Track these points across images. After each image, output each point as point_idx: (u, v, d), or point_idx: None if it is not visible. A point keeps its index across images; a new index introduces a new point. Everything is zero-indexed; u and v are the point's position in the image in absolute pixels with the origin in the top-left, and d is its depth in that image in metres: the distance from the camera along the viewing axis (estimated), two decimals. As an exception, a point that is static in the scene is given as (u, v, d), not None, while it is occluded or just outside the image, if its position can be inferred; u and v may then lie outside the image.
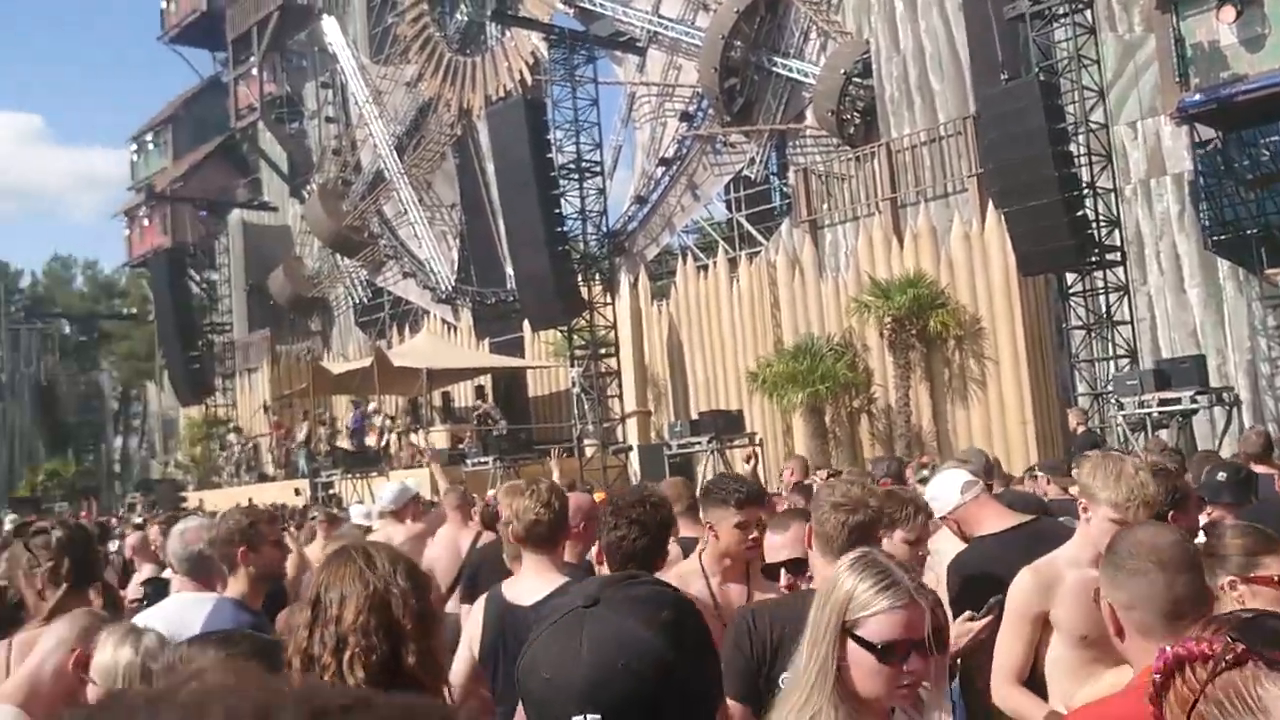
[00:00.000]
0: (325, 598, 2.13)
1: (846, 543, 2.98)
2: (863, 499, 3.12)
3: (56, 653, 2.60)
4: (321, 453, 24.47)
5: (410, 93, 32.19)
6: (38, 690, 2.54)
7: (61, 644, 2.59)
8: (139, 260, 40.94)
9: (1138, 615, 2.15)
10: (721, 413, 19.22)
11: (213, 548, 3.89)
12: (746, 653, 2.90)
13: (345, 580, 2.12)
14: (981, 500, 4.15)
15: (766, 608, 3.11)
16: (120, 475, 42.39)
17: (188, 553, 4.10)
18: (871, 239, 20.07)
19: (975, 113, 18.99)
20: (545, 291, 20.88)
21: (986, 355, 18.41)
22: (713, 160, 25.40)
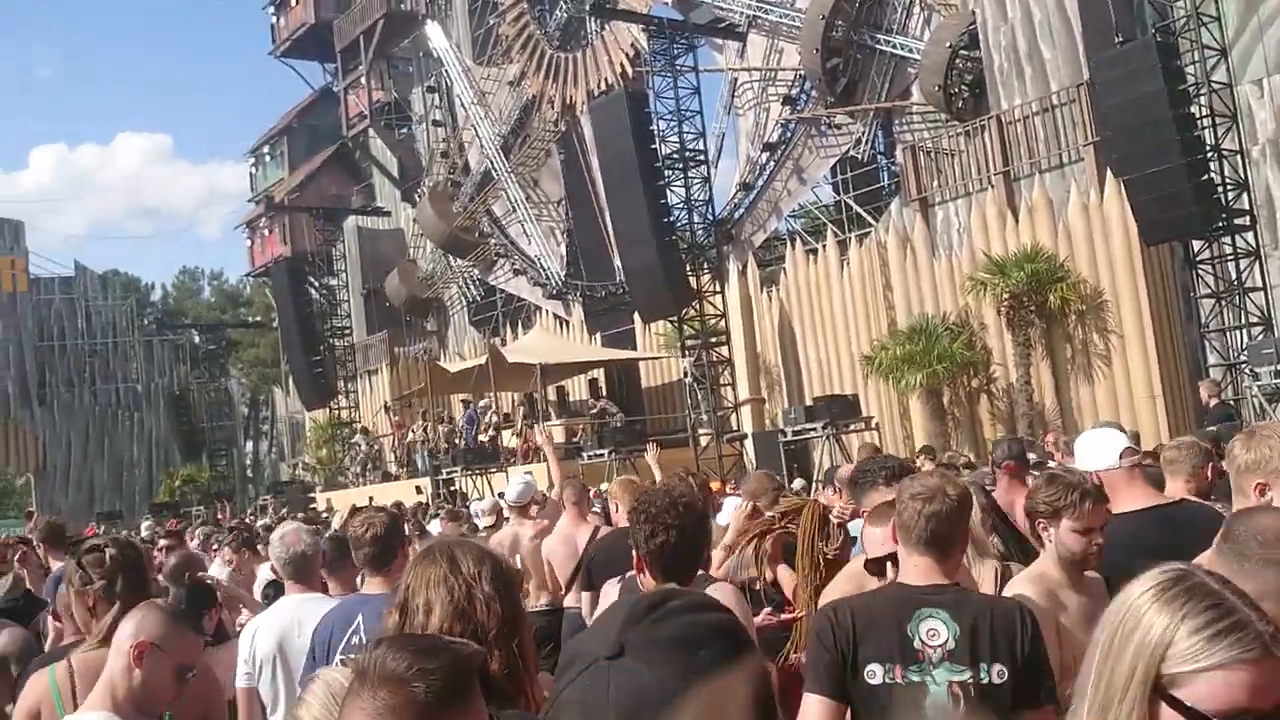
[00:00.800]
0: (412, 603, 2.15)
1: (925, 533, 2.97)
2: (940, 487, 3.05)
3: (123, 650, 2.68)
4: (440, 450, 24.90)
5: (514, 92, 32.53)
6: (117, 692, 2.62)
7: (125, 640, 2.67)
8: (261, 270, 42.25)
9: (1269, 608, 2.02)
10: (837, 398, 19.00)
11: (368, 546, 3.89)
12: (830, 647, 2.86)
13: (430, 585, 2.13)
14: (1134, 472, 3.98)
15: (846, 601, 3.08)
16: (252, 479, 43.90)
17: (289, 555, 4.20)
18: (985, 214, 19.61)
19: (1089, 79, 18.41)
20: (654, 283, 20.90)
21: (1110, 329, 17.84)
22: (818, 143, 25.09)
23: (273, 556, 4.37)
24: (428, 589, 2.10)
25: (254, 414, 48.16)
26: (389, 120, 38.31)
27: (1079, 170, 18.78)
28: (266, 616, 4.18)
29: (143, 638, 2.62)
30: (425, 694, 1.31)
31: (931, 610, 2.89)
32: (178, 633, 2.70)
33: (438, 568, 2.13)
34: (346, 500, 21.61)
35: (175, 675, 2.68)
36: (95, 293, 43.50)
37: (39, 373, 41.64)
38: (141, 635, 2.63)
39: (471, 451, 22.09)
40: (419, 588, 2.12)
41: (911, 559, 3.02)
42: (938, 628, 2.86)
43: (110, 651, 2.70)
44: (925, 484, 3.08)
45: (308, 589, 4.22)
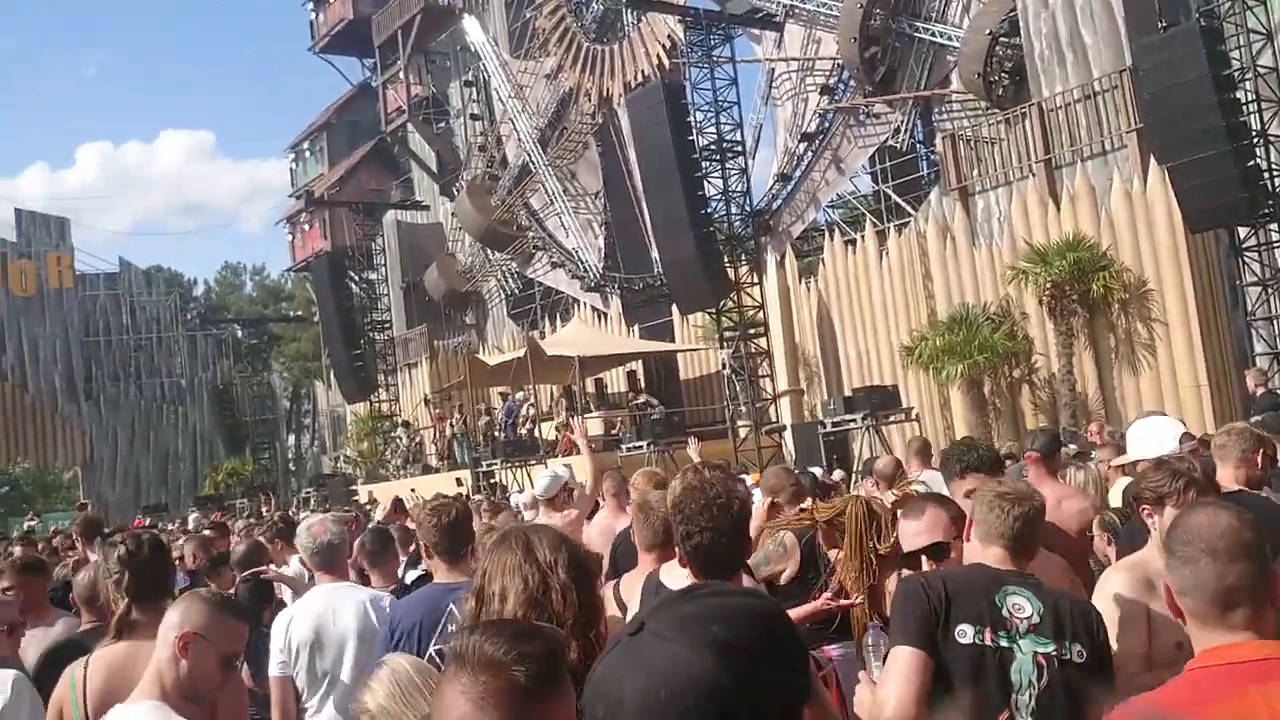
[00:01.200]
0: (487, 589, 2.14)
1: (1012, 531, 3.17)
2: (1030, 492, 3.34)
3: (168, 641, 2.70)
4: (480, 443, 25.03)
5: (551, 85, 32.57)
6: (165, 681, 2.65)
7: (170, 630, 2.69)
8: (301, 264, 42.62)
9: (1189, 602, 2.04)
10: (876, 389, 18.90)
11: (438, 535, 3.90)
12: (923, 604, 2.99)
13: (505, 571, 2.12)
14: (1194, 460, 3.95)
15: (934, 571, 3.24)
16: (294, 471, 44.32)
17: (317, 545, 4.25)
18: (1026, 203, 19.42)
19: (1131, 65, 18.18)
20: (692, 275, 20.88)
21: (1154, 318, 17.62)
22: (856, 132, 24.93)
23: (300, 547, 4.42)
24: (503, 575, 2.09)
25: (296, 408, 48.59)
26: (427, 115, 38.50)
27: (1122, 157, 18.55)
28: (300, 605, 4.24)
29: (187, 628, 2.65)
30: (526, 677, 1.32)
31: (1016, 588, 3.05)
32: (222, 622, 2.72)
33: (513, 554, 2.12)
34: (388, 493, 21.76)
35: (221, 664, 2.71)
36: (140, 288, 44.06)
37: (85, 368, 42.25)
38: (186, 626, 2.65)
39: (511, 444, 22.18)
40: (494, 573, 2.11)
41: (990, 550, 3.19)
42: (1023, 603, 3.01)
43: (157, 642, 2.72)
44: (1014, 487, 3.35)
45: (336, 578, 4.27)
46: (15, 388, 40.81)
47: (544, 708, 1.32)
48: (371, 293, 37.59)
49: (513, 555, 2.16)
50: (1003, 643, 2.94)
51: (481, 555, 2.26)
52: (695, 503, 3.05)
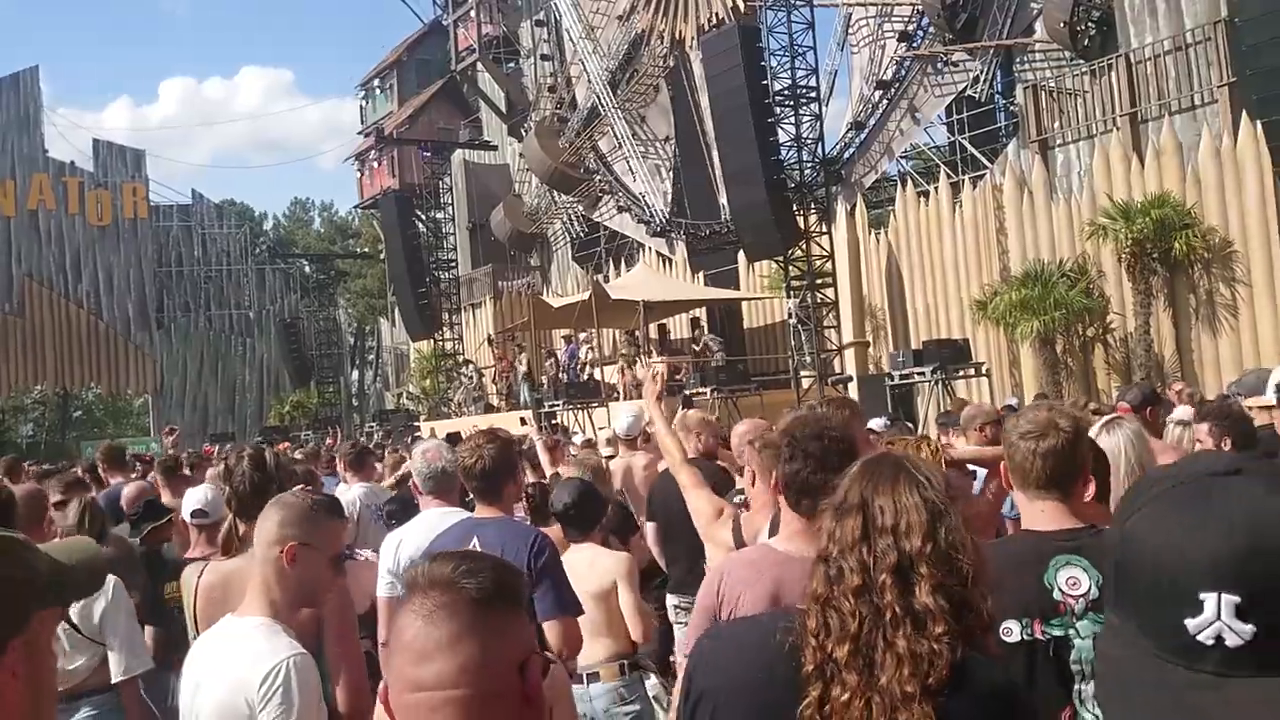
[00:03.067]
0: (874, 505, 1.96)
1: (1043, 474, 2.74)
2: (1051, 420, 2.80)
3: (271, 557, 2.64)
4: (543, 384, 25.10)
5: (623, 26, 32.20)
6: (273, 595, 2.60)
7: (271, 544, 2.63)
8: (369, 202, 42.87)
9: None
10: (947, 342, 18.61)
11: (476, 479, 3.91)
12: None
13: (902, 495, 1.95)
14: None
15: None
16: (357, 407, 44.85)
17: (430, 470, 4.22)
18: (1109, 157, 18.91)
19: (1226, 16, 17.55)
20: (762, 222, 20.64)
21: (1239, 280, 17.15)
22: (934, 81, 24.39)
23: (414, 471, 4.43)
24: (898, 498, 1.92)
25: (360, 343, 49.10)
26: (497, 54, 38.31)
27: (1211, 113, 17.96)
28: (411, 527, 4.23)
29: (290, 539, 2.61)
30: (475, 591, 1.37)
31: (1069, 557, 2.65)
32: (323, 525, 2.69)
33: (909, 479, 1.94)
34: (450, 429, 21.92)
35: (331, 566, 2.69)
36: (211, 221, 44.60)
37: (157, 297, 42.96)
38: (289, 537, 2.62)
39: (574, 386, 22.20)
40: (882, 491, 1.94)
41: (1035, 504, 2.79)
42: (1078, 575, 2.63)
43: (257, 559, 2.68)
44: (1034, 420, 2.83)
45: (447, 504, 4.26)
46: (90, 315, 41.64)
47: (492, 620, 1.36)
48: (438, 232, 37.70)
49: (909, 479, 1.96)
50: (1056, 631, 2.59)
51: (855, 475, 2.06)
52: (807, 429, 2.90)
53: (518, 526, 3.87)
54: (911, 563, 1.90)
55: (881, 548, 1.92)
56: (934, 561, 1.90)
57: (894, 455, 2.15)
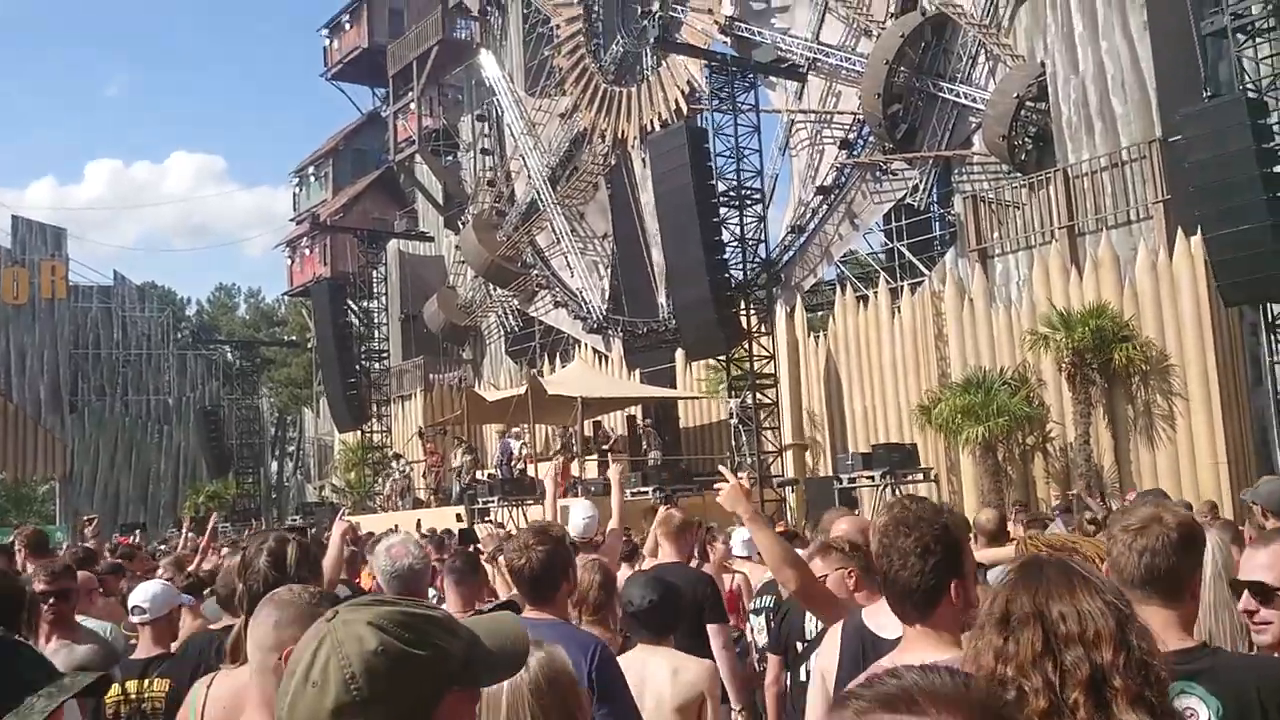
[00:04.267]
0: (1053, 614, 1.74)
1: (1142, 571, 2.47)
2: (1156, 515, 2.55)
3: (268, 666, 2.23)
4: (476, 480, 24.55)
5: (564, 124, 32.45)
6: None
7: (268, 650, 2.23)
8: (299, 289, 42.22)
9: None
10: (896, 446, 18.55)
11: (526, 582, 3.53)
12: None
13: (1081, 600, 1.73)
14: None
15: None
16: (275, 499, 43.60)
17: (396, 569, 3.85)
18: (1048, 268, 19.20)
19: (1161, 136, 18.09)
20: (705, 321, 20.57)
21: (1175, 392, 17.36)
22: (873, 188, 24.79)
23: (377, 570, 4.02)
24: (1078, 604, 1.69)
25: (281, 434, 47.95)
26: (436, 147, 38.37)
27: (1147, 228, 18.39)
28: None
29: (290, 645, 2.20)
30: None
31: (1183, 684, 2.33)
32: None
33: (1084, 584, 1.74)
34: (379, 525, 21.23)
35: None
36: (133, 303, 43.55)
37: (72, 380, 41.62)
38: (288, 642, 2.22)
39: (509, 482, 21.71)
40: (1060, 598, 1.71)
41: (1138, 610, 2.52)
42: (1195, 706, 2.33)
43: (253, 669, 2.29)
44: (1138, 514, 2.59)
45: None
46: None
47: None
48: (369, 321, 37.16)
49: (1083, 584, 1.78)
50: None
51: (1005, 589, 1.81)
52: (920, 513, 2.59)
53: (574, 632, 3.48)
54: (1104, 676, 1.69)
55: (1071, 661, 1.69)
56: (1129, 672, 1.69)
57: (1054, 557, 1.90)
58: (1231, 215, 14.18)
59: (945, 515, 2.52)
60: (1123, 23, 19.01)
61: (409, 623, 1.24)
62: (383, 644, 1.23)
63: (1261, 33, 15.22)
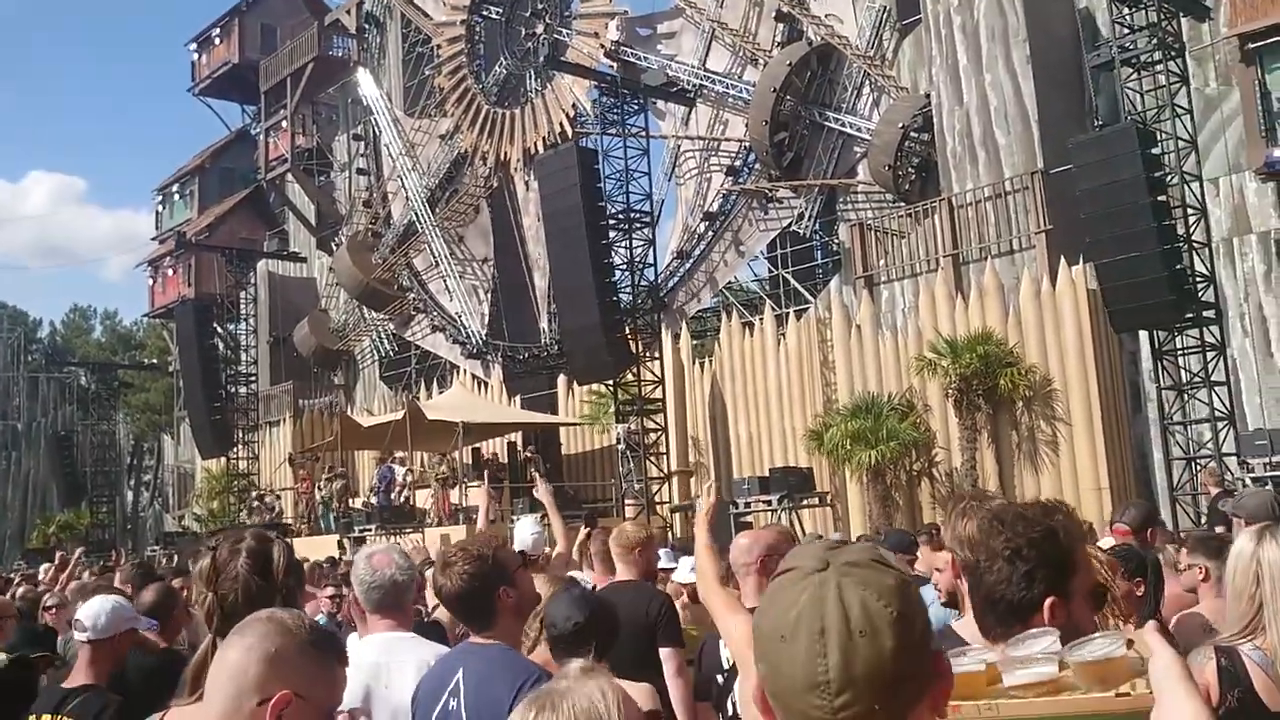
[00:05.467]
0: None
1: None
2: None
3: (244, 710, 1.70)
4: (351, 508, 23.61)
5: (445, 145, 31.83)
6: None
7: (248, 691, 1.70)
8: (161, 310, 40.42)
9: None
10: (793, 470, 18.40)
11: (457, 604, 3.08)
12: None
13: None
14: None
15: None
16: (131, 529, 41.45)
17: (377, 580, 3.32)
18: (934, 295, 19.38)
19: (1043, 167, 18.47)
20: (593, 345, 20.19)
21: (1058, 417, 17.63)
22: (759, 215, 24.84)
23: (356, 581, 3.45)
24: None
25: (138, 461, 45.73)
26: (308, 166, 37.24)
27: (1029, 257, 18.71)
28: (399, 665, 3.20)
29: (279, 687, 1.66)
30: None
31: None
32: (322, 669, 1.72)
33: None
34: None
35: None
36: (-21, 323, 41.14)
37: (-91, 404, 39.07)
38: (276, 682, 1.66)
39: (388, 510, 20.89)
40: None
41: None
42: None
43: (213, 710, 1.69)
44: None
45: (397, 625, 3.32)
46: None
47: None
48: (235, 345, 35.69)
49: None
50: None
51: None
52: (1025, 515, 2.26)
53: (512, 658, 3.02)
54: None
55: None
56: None
57: None
58: (1121, 242, 14.46)
59: (1058, 517, 2.15)
60: (1005, 56, 19.39)
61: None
62: (894, 576, 1.22)
63: (1146, 66, 15.61)
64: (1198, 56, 17.42)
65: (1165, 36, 15.43)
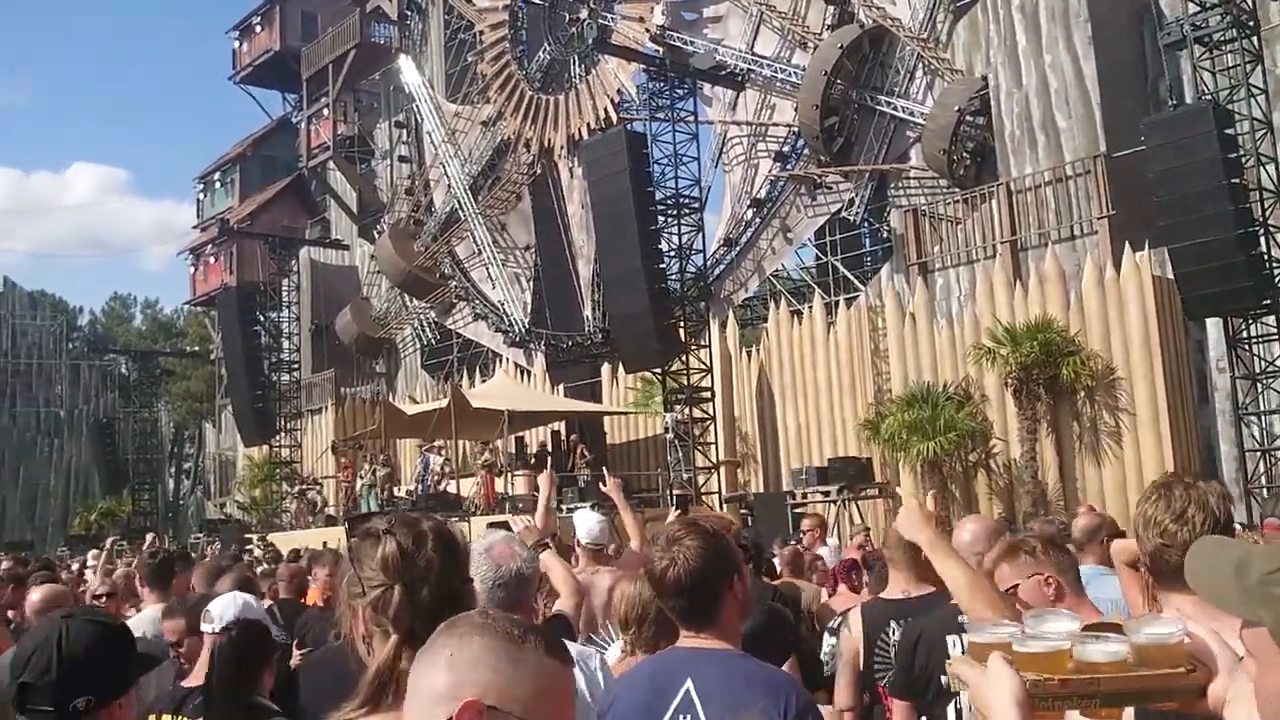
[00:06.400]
0: None
1: None
2: None
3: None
4: (395, 496, 23.45)
5: (487, 132, 31.58)
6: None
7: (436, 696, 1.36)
8: (203, 298, 40.49)
9: None
10: (851, 460, 18.02)
11: (674, 596, 2.64)
12: None
13: None
14: None
15: None
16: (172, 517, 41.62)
17: (500, 575, 2.98)
18: (992, 282, 18.93)
19: (1106, 150, 17.98)
20: (642, 331, 19.88)
21: (1122, 407, 17.15)
22: (807, 202, 24.42)
23: (477, 577, 3.12)
24: None
25: (178, 449, 45.90)
26: (350, 153, 37.12)
27: (1091, 243, 18.21)
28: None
29: (468, 693, 1.37)
30: None
31: None
32: (531, 675, 1.37)
33: None
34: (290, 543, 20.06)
35: None
36: (23, 310, 41.31)
37: (-45, 390, 39.34)
38: (467, 688, 1.39)
39: (433, 498, 20.69)
40: None
41: None
42: None
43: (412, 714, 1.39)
44: None
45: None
46: (-126, 406, 37.68)
47: None
48: (277, 333, 35.65)
49: None
50: None
51: None
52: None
53: (757, 669, 2.59)
54: None
55: None
56: None
57: None
58: (1196, 226, 13.97)
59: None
60: (1066, 37, 18.89)
61: None
62: None
63: (1219, 44, 15.10)
64: (1266, 37, 16.86)
65: (1239, 14, 14.89)
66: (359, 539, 1.81)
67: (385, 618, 1.72)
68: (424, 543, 1.77)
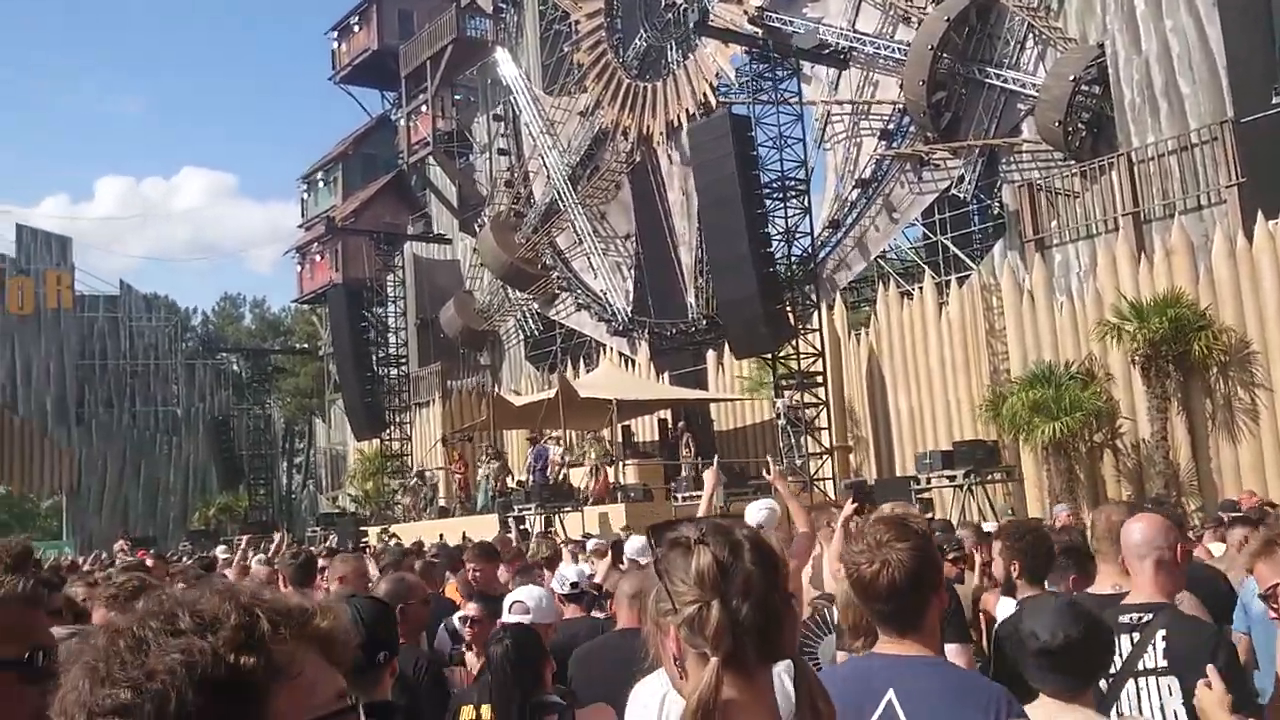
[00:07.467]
0: None
1: None
2: None
3: None
4: (508, 487, 23.58)
5: (584, 122, 31.56)
6: None
7: None
8: (309, 296, 41.26)
9: None
10: (977, 443, 17.58)
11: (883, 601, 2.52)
12: None
13: None
14: None
15: None
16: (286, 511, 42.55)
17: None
18: (1115, 257, 18.30)
19: (1234, 116, 17.22)
20: (751, 316, 19.64)
21: (1258, 383, 16.45)
22: (913, 180, 23.90)
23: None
24: None
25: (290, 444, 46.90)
26: (449, 148, 37.44)
27: (1220, 213, 17.49)
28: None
29: None
30: None
31: None
32: None
33: None
34: (411, 535, 20.30)
35: None
36: (139, 313, 42.52)
37: (78, 391, 40.59)
38: None
39: (547, 489, 20.73)
40: None
41: None
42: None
43: None
44: None
45: None
46: (4, 408, 39.09)
47: None
48: (384, 328, 36.18)
49: None
50: None
51: None
52: None
53: (964, 678, 2.46)
54: None
55: None
56: None
57: None
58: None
59: None
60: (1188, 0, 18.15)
61: None
62: None
63: (1360, -1, 14.37)
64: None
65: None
66: (666, 549, 1.67)
67: (703, 638, 1.58)
68: (741, 553, 1.62)
